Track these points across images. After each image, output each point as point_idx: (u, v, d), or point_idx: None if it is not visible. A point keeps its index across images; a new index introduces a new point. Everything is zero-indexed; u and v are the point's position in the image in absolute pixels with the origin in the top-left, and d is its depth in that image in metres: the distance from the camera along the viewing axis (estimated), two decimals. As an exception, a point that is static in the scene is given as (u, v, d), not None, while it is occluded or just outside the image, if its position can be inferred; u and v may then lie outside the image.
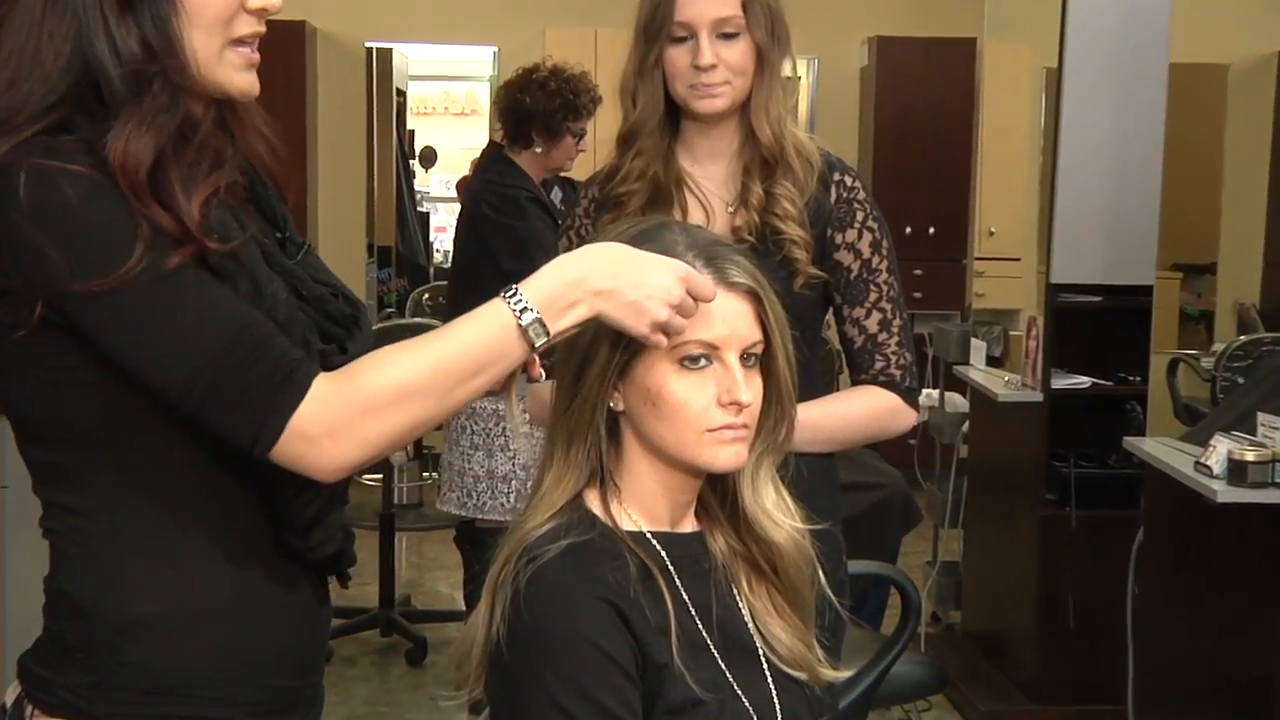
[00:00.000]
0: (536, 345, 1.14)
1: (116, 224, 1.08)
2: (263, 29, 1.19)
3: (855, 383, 1.80)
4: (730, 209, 1.76)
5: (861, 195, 1.78)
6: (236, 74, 1.18)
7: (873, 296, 1.77)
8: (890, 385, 1.77)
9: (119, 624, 1.15)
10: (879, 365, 1.77)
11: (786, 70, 1.77)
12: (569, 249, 1.84)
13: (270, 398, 1.09)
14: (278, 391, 1.09)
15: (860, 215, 1.77)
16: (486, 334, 1.13)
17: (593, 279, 1.14)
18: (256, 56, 1.19)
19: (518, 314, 1.13)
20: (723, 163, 1.78)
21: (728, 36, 1.70)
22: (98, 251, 1.07)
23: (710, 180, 1.78)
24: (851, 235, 1.77)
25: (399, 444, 1.14)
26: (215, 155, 1.15)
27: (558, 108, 3.32)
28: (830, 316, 1.84)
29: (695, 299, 1.17)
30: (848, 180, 1.78)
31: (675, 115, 1.78)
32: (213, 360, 1.08)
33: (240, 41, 1.17)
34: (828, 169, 1.78)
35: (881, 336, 1.77)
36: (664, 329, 1.17)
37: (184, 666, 1.16)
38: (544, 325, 1.13)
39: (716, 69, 1.69)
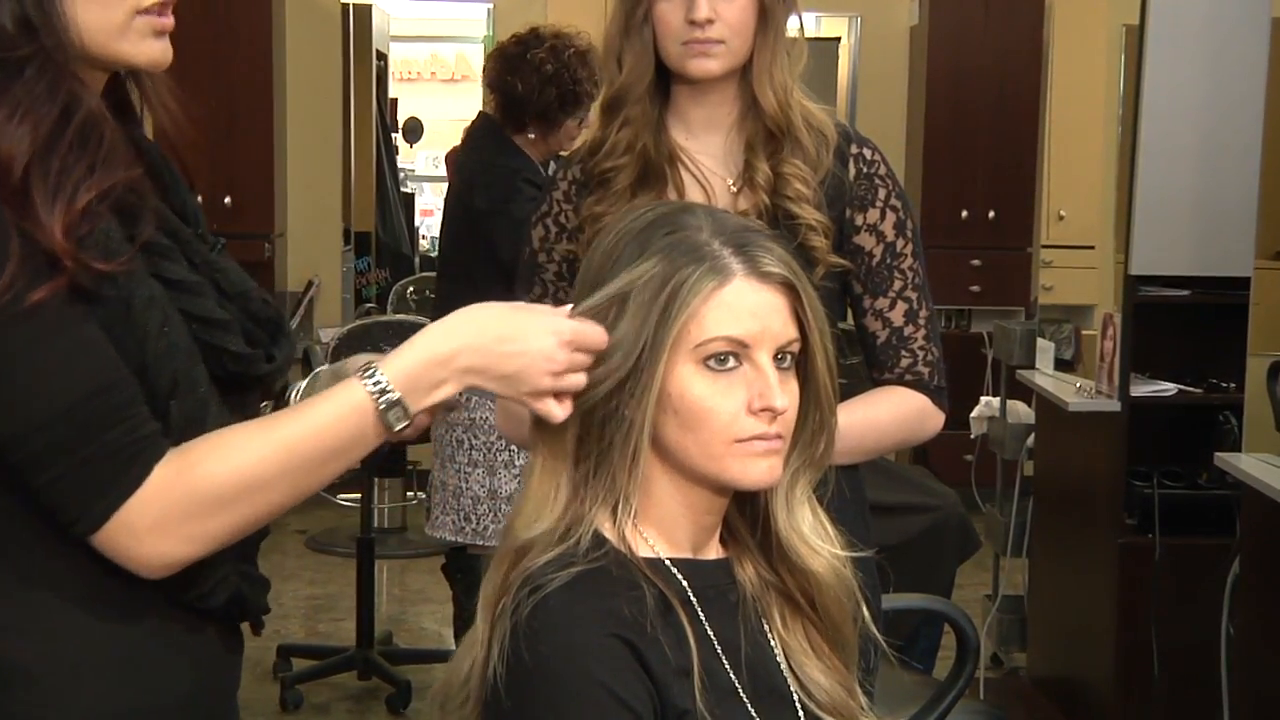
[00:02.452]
0: (395, 429, 1.19)
1: None
2: None
3: (878, 382, 1.81)
4: (734, 188, 1.77)
5: (883, 170, 1.80)
6: (145, 43, 1.18)
7: (897, 285, 1.79)
8: (918, 384, 1.79)
9: None
10: (905, 362, 1.79)
11: (793, 31, 1.77)
12: (545, 238, 1.85)
13: (105, 479, 1.12)
14: (116, 473, 1.12)
15: (882, 193, 1.79)
16: (339, 418, 1.18)
17: (463, 357, 1.19)
18: (170, 20, 1.19)
19: (375, 396, 1.18)
20: (720, 134, 1.78)
21: None
22: None
23: (707, 156, 1.78)
24: (873, 215, 1.78)
25: (237, 538, 1.19)
26: (104, 147, 1.15)
27: (553, 99, 3.27)
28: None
29: (587, 351, 1.21)
30: (867, 153, 1.80)
31: (665, 81, 1.78)
32: (57, 419, 1.10)
33: (147, 9, 1.17)
34: (844, 141, 1.79)
35: (907, 330, 1.79)
36: (554, 395, 1.21)
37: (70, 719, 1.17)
38: (405, 408, 1.18)
39: (715, 25, 1.70)
